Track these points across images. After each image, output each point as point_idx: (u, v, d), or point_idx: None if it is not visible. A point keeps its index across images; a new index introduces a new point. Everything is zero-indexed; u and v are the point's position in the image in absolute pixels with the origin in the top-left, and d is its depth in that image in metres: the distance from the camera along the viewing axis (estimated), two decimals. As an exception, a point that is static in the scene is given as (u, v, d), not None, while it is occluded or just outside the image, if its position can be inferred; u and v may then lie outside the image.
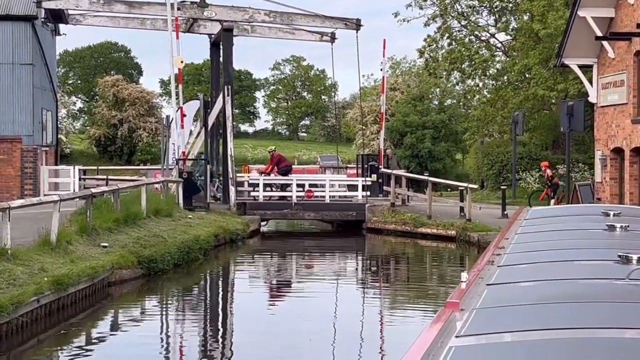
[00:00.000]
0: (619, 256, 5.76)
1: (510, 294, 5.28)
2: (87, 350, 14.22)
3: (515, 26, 43.21)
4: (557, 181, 32.37)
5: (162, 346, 15.01)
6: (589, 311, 4.53)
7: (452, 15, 44.35)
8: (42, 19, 33.90)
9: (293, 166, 40.66)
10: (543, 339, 4.01)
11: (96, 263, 18.17)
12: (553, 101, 38.46)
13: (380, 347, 14.95)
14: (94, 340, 15.01)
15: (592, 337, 4.03)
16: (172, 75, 32.27)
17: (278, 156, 35.26)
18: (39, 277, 15.69)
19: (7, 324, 13.77)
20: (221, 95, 33.52)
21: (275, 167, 34.71)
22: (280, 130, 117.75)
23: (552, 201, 30.39)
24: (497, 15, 44.82)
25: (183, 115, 32.29)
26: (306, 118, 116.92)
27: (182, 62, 31.91)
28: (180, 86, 32.11)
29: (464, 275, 5.47)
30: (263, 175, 35.06)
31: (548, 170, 32.92)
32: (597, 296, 4.92)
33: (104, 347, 14.47)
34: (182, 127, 32.23)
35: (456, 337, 4.19)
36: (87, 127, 77.51)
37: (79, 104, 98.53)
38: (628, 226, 7.56)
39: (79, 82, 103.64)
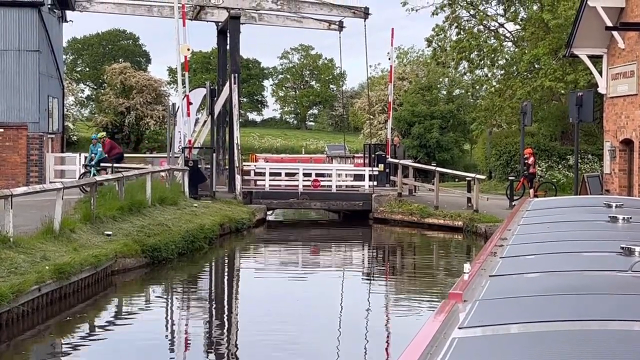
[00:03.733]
0: (622, 248, 5.69)
1: (513, 285, 5.22)
2: (89, 340, 14.16)
3: (525, 16, 42.93)
4: (534, 171, 31.62)
5: (166, 335, 14.94)
6: (592, 303, 4.47)
7: (461, 4, 44.08)
8: (49, 5, 33.78)
9: (300, 155, 40.39)
10: (546, 331, 3.96)
11: (99, 251, 18.09)
12: (562, 92, 38.21)
13: (385, 337, 14.87)
14: (96, 330, 14.93)
15: (596, 330, 3.98)
16: (179, 63, 32.17)
17: (110, 143, 32.20)
18: (40, 265, 15.61)
19: (8, 313, 13.70)
20: (228, 84, 33.42)
21: (107, 155, 31.16)
22: (288, 119, 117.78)
23: (531, 191, 29.94)
24: (506, 5, 44.51)
25: (189, 104, 32.17)
26: (314, 107, 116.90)
27: (188, 49, 31.80)
28: (186, 74, 32.00)
29: (467, 267, 5.41)
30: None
31: (532, 158, 31.22)
32: (600, 288, 4.86)
33: (106, 336, 14.40)
34: (189, 115, 32.11)
35: (459, 328, 4.15)
36: (95, 115, 77.64)
37: (87, 92, 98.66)
38: (630, 218, 7.47)
39: (87, 69, 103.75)
